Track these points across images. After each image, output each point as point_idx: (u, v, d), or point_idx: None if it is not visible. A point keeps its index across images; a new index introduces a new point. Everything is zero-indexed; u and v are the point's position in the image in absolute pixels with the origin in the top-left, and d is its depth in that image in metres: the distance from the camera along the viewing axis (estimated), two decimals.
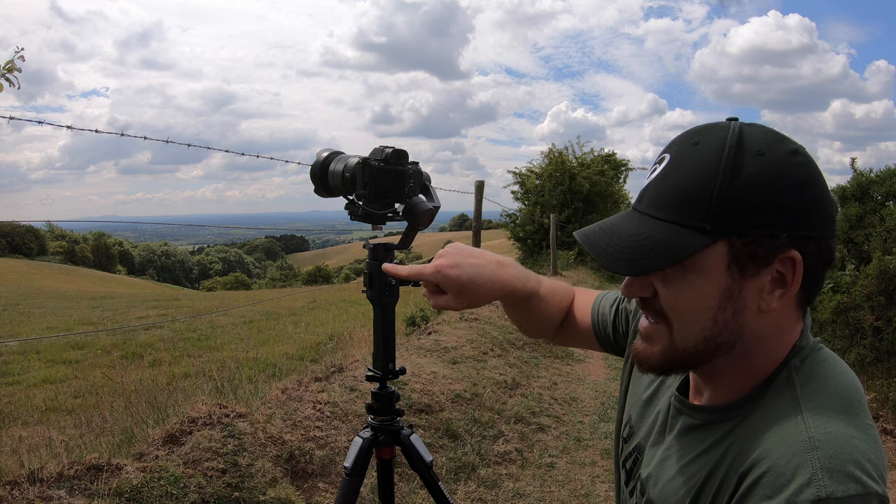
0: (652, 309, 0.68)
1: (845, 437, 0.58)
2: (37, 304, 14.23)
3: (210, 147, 3.88)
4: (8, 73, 2.12)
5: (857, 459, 0.56)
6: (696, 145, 0.64)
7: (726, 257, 0.62)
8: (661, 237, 0.62)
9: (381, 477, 1.32)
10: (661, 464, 0.76)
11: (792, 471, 0.56)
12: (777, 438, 0.59)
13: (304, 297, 14.71)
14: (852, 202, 6.53)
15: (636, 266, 0.63)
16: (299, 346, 7.27)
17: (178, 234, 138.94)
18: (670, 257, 0.62)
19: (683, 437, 0.73)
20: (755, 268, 0.62)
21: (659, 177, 0.65)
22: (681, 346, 0.67)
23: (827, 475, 0.55)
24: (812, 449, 0.56)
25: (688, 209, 0.62)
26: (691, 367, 0.69)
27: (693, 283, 0.63)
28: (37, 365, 7.04)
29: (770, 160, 0.61)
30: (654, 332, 0.69)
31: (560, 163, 16.39)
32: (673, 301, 0.65)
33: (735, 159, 0.60)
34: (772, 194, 0.60)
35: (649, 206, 0.65)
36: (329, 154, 1.22)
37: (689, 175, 0.62)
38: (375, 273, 1.17)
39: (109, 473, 2.00)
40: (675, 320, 0.66)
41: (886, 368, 4.60)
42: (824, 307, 5.42)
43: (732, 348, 0.66)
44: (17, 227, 48.67)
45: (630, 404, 0.90)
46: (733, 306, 0.63)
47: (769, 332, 0.66)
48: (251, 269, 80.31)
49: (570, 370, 5.24)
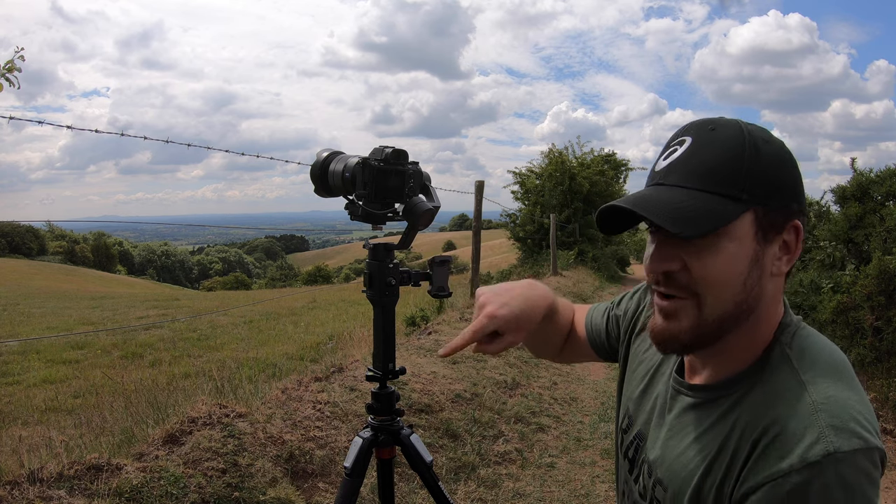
0: (677, 284, 0.71)
1: (843, 399, 0.65)
2: (37, 304, 14.22)
3: (210, 147, 3.88)
4: (8, 73, 2.12)
5: (856, 417, 0.63)
6: (714, 131, 0.71)
7: (754, 225, 0.69)
8: (703, 205, 0.67)
9: (381, 477, 1.32)
10: (665, 443, 0.80)
11: (801, 431, 0.63)
12: (784, 406, 0.66)
13: (304, 297, 14.71)
14: (852, 202, 6.53)
15: (687, 226, 0.66)
16: (299, 346, 7.27)
17: (178, 234, 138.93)
18: (716, 221, 0.67)
19: (685, 416, 0.78)
20: (773, 235, 0.70)
21: (685, 155, 0.71)
22: (710, 318, 0.70)
23: (833, 432, 0.62)
24: (816, 411, 0.64)
25: (724, 181, 0.68)
26: (716, 339, 0.72)
27: (727, 249, 0.68)
28: (37, 365, 7.04)
29: (773, 147, 0.70)
30: (678, 308, 0.72)
31: (560, 163, 16.39)
32: (708, 270, 0.69)
33: (754, 142, 0.69)
34: (782, 172, 0.70)
35: (683, 180, 0.70)
36: (329, 154, 1.22)
37: (720, 153, 0.69)
38: (375, 273, 1.17)
39: (109, 473, 2.00)
40: (709, 290, 0.69)
41: (886, 368, 4.60)
42: (824, 307, 5.42)
43: (752, 313, 0.71)
44: (17, 227, 48.66)
45: (626, 397, 0.94)
46: (758, 271, 0.70)
47: (774, 296, 0.73)
48: (251, 269, 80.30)
49: (570, 370, 5.24)
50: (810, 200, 9.31)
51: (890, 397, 4.30)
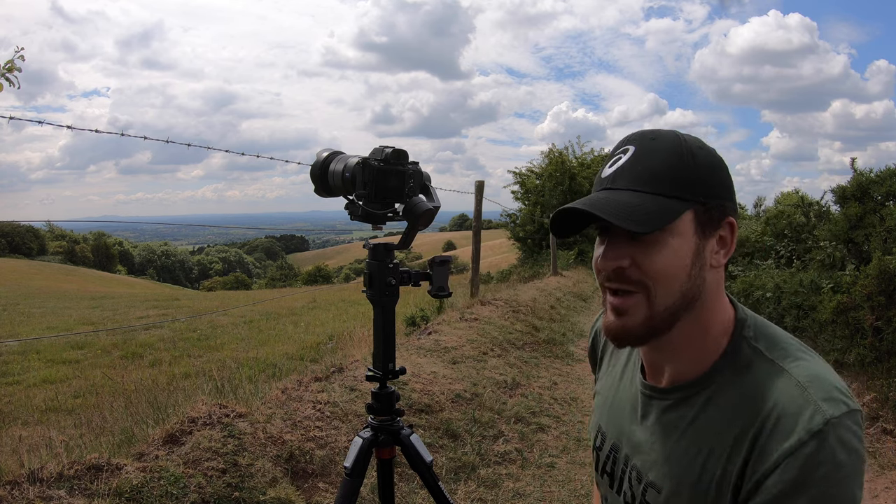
0: (628, 279, 0.77)
1: (821, 374, 0.73)
2: (37, 304, 14.22)
3: (210, 147, 3.87)
4: (8, 73, 2.12)
5: (836, 387, 0.72)
6: (654, 140, 0.79)
7: (693, 222, 0.76)
8: (653, 205, 0.75)
9: (381, 477, 1.32)
10: (652, 447, 0.84)
11: (798, 409, 0.70)
12: (775, 394, 0.73)
13: (304, 297, 14.71)
14: (852, 202, 6.53)
15: (641, 224, 0.74)
16: (299, 346, 7.27)
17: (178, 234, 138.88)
18: (665, 218, 0.74)
19: (665, 418, 0.83)
20: (711, 230, 0.77)
21: (630, 162, 0.78)
22: (660, 308, 0.76)
23: (825, 403, 0.70)
24: (805, 390, 0.71)
25: (668, 184, 0.76)
26: (667, 328, 0.78)
27: (672, 244, 0.75)
28: (37, 365, 7.04)
29: (707, 152, 0.79)
30: (630, 304, 0.78)
31: (560, 163, 16.39)
32: (656, 264, 0.76)
33: (690, 149, 0.77)
34: (716, 174, 0.78)
35: (631, 184, 0.77)
36: (329, 154, 1.22)
37: (661, 159, 0.77)
38: (375, 273, 1.17)
39: (109, 473, 2.00)
40: (658, 282, 0.76)
41: (886, 368, 4.60)
42: (824, 307, 5.42)
43: (695, 304, 0.78)
44: (17, 227, 48.64)
45: (597, 417, 1.01)
46: (700, 263, 0.77)
47: (716, 288, 0.79)
48: (251, 269, 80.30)
49: (571, 370, 5.24)
50: (811, 200, 9.32)
51: (890, 397, 4.29)
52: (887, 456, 3.89)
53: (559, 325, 6.92)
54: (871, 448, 4.04)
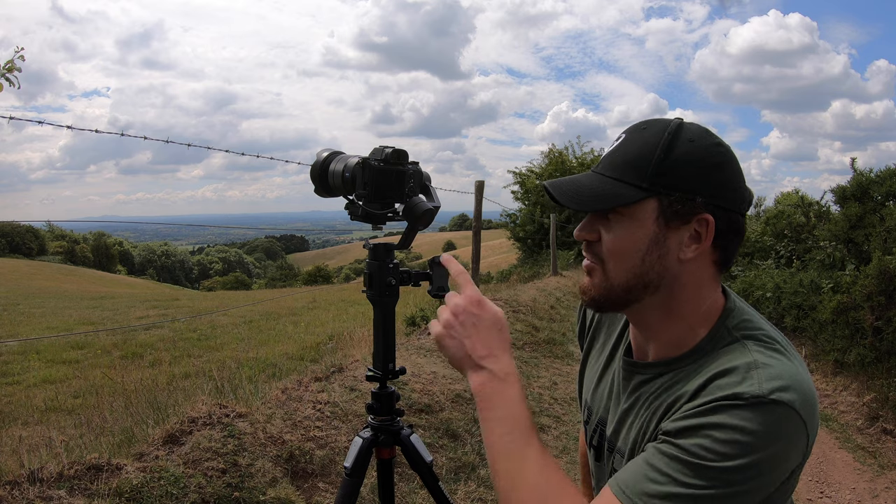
0: (593, 252, 0.85)
1: (783, 369, 0.73)
2: (37, 304, 14.22)
3: (210, 147, 3.88)
4: (8, 73, 2.12)
5: (790, 384, 0.71)
6: (644, 129, 0.83)
7: (656, 211, 0.80)
8: (608, 189, 0.81)
9: (381, 477, 1.32)
10: (622, 418, 0.90)
11: (734, 378, 0.73)
12: (724, 366, 0.75)
13: (304, 297, 14.71)
14: (852, 202, 6.53)
15: (584, 205, 0.82)
16: (299, 346, 7.27)
17: (178, 234, 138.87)
18: (610, 202, 0.80)
19: (636, 391, 0.88)
20: (677, 223, 0.80)
21: (614, 149, 0.84)
22: (614, 283, 0.83)
23: (766, 382, 0.71)
24: (754, 368, 0.73)
25: (631, 172, 0.80)
26: (624, 302, 0.84)
27: (629, 228, 0.80)
28: (37, 365, 7.03)
29: (697, 146, 0.80)
30: (592, 269, 0.86)
31: (560, 162, 16.39)
32: (612, 243, 0.82)
33: (671, 142, 0.80)
34: (695, 169, 0.79)
35: (604, 169, 0.84)
36: (329, 154, 1.22)
37: (636, 149, 0.81)
38: (375, 273, 1.17)
39: (109, 473, 2.00)
40: (609, 258, 0.82)
41: (886, 368, 4.60)
42: (824, 307, 5.41)
43: (658, 289, 0.82)
44: (17, 227, 48.64)
45: (584, 392, 1.06)
46: (658, 251, 0.80)
47: (689, 280, 0.82)
48: (251, 269, 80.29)
49: (571, 370, 5.24)
50: (811, 200, 9.30)
51: (890, 397, 4.29)
52: (887, 456, 3.88)
53: (559, 325, 6.92)
54: (871, 448, 4.04)
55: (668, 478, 0.70)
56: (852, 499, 3.39)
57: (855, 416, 4.53)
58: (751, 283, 7.17)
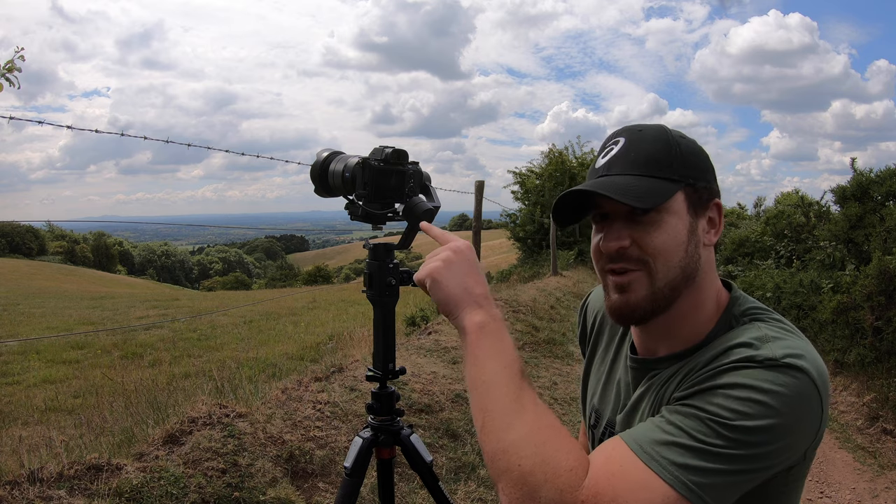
0: (629, 258, 0.81)
1: (794, 343, 0.74)
2: (37, 304, 14.21)
3: (210, 147, 3.88)
4: (8, 73, 2.12)
5: (801, 352, 0.72)
6: (642, 131, 0.84)
7: (685, 202, 0.81)
8: (648, 186, 0.80)
9: (381, 477, 1.32)
10: (631, 412, 0.89)
11: (747, 346, 0.73)
12: (740, 336, 0.76)
13: (304, 297, 14.71)
14: (852, 202, 6.53)
15: (642, 201, 0.78)
16: (299, 346, 7.27)
17: (178, 234, 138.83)
18: (660, 197, 0.79)
19: (646, 384, 0.87)
20: (702, 210, 0.83)
21: (622, 151, 0.83)
22: (662, 283, 0.80)
23: (779, 349, 0.71)
24: (765, 341, 0.73)
25: (661, 166, 0.81)
26: (669, 303, 0.82)
27: (669, 222, 0.80)
28: (37, 365, 7.03)
29: (688, 141, 0.85)
30: (631, 281, 0.82)
31: (560, 163, 16.38)
32: (656, 242, 0.80)
33: (675, 137, 0.83)
34: (700, 159, 0.84)
35: (627, 169, 0.82)
36: (329, 154, 1.22)
37: (651, 147, 0.82)
38: (375, 273, 1.17)
39: (109, 473, 2.00)
40: (658, 258, 0.80)
41: (886, 368, 4.60)
42: (824, 307, 5.41)
43: (694, 279, 0.82)
44: (17, 227, 48.63)
45: (590, 396, 1.04)
46: (695, 240, 0.82)
47: (707, 266, 0.84)
48: (251, 269, 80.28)
49: (571, 370, 5.24)
50: (811, 200, 9.31)
51: (890, 397, 4.29)
52: (887, 456, 3.88)
53: (559, 325, 6.92)
54: (871, 448, 4.04)
55: (682, 431, 0.68)
56: (852, 499, 3.39)
57: (855, 416, 4.53)
58: (751, 284, 7.16)
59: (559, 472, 0.68)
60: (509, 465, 0.70)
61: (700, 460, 0.66)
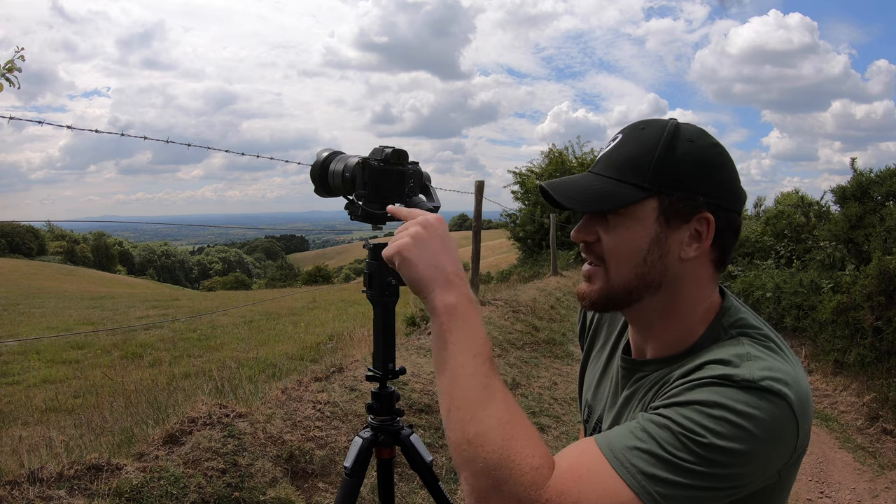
0: (594, 253, 0.84)
1: (774, 363, 0.72)
2: (37, 304, 14.21)
3: (210, 147, 3.88)
4: (8, 73, 2.12)
5: (782, 377, 0.70)
6: (643, 129, 0.82)
7: (656, 211, 0.79)
8: (608, 189, 0.80)
9: (381, 477, 1.32)
10: (619, 414, 0.90)
11: (724, 364, 0.72)
12: (721, 352, 0.75)
13: (304, 297, 14.71)
14: (852, 202, 6.53)
15: (586, 206, 0.81)
16: (299, 346, 7.27)
17: (178, 234, 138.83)
18: (611, 203, 0.80)
19: (634, 387, 0.88)
20: (678, 222, 0.79)
21: (612, 149, 0.84)
22: (616, 283, 0.82)
23: (757, 370, 0.70)
24: (744, 359, 0.72)
25: (630, 171, 0.80)
26: (625, 302, 0.83)
27: (631, 228, 0.80)
28: (37, 365, 7.03)
29: (697, 146, 0.80)
30: (593, 273, 0.85)
31: (560, 162, 16.40)
32: (613, 243, 0.81)
33: (671, 141, 0.79)
34: (695, 168, 0.79)
35: (602, 169, 0.83)
36: (329, 154, 1.22)
37: (635, 149, 0.81)
38: (375, 273, 1.17)
39: (109, 473, 2.00)
40: (613, 260, 0.81)
41: (886, 368, 4.60)
42: (824, 307, 5.41)
43: (659, 288, 0.81)
44: (17, 227, 48.64)
45: (585, 391, 1.06)
46: (660, 250, 0.80)
47: (689, 279, 0.82)
48: (251, 269, 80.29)
49: (571, 370, 5.24)
50: (811, 200, 9.30)
51: (890, 397, 4.29)
52: (887, 456, 3.88)
53: (559, 325, 6.92)
54: (871, 448, 4.04)
55: (654, 441, 0.68)
56: (852, 499, 3.39)
57: (855, 416, 4.53)
58: (751, 284, 7.16)
59: (524, 469, 0.68)
60: (474, 457, 0.71)
61: (668, 472, 0.66)
